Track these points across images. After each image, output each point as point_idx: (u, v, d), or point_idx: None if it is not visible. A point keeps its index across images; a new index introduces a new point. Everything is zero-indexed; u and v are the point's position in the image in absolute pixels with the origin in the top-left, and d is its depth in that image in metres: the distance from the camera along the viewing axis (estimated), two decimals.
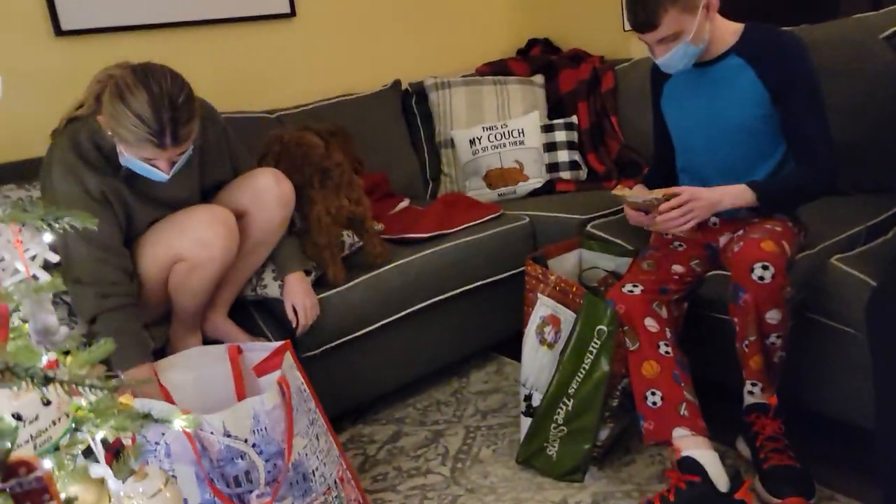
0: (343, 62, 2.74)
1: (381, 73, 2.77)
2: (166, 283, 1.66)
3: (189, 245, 1.59)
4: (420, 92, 2.71)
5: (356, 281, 1.91)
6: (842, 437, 1.67)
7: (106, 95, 1.44)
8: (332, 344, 1.88)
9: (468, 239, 2.13)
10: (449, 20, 2.98)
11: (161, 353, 1.69)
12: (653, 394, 1.56)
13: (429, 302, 2.05)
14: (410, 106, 2.71)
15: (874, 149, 1.91)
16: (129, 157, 1.49)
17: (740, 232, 1.66)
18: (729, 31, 1.65)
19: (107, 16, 2.23)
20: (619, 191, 1.71)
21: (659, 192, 1.61)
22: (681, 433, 1.52)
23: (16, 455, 0.63)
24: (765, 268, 1.44)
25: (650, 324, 1.59)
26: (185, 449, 1.27)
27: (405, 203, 2.43)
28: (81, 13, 2.19)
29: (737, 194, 1.58)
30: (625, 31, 2.82)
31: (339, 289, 1.88)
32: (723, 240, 1.73)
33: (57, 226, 0.65)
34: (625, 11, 1.62)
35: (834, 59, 1.93)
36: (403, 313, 2.00)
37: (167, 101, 1.40)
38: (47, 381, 0.60)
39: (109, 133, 1.47)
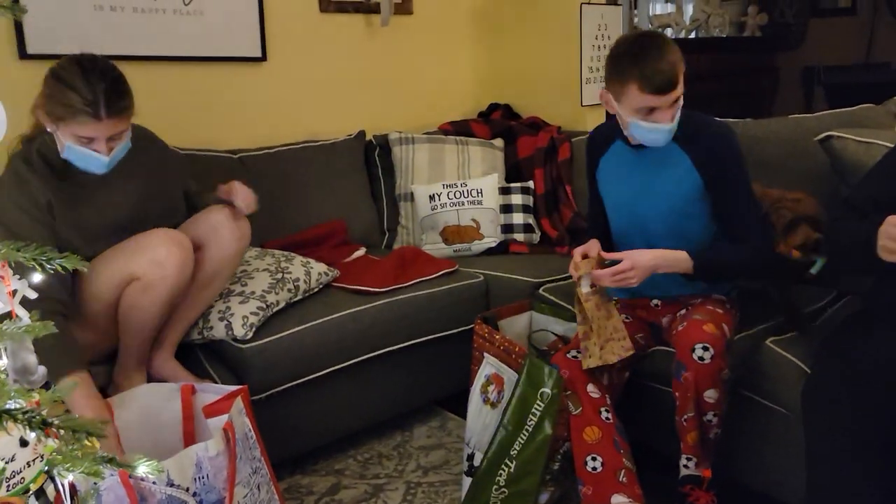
0: (310, 109, 2.78)
1: (346, 122, 2.82)
2: (116, 306, 1.63)
3: (143, 263, 1.59)
4: (384, 144, 2.76)
5: (310, 324, 1.91)
6: None
7: (43, 83, 1.53)
8: (280, 388, 1.86)
9: (423, 292, 2.16)
10: (416, 78, 3.07)
11: (102, 392, 1.65)
12: (593, 459, 1.60)
13: (380, 351, 2.06)
14: (373, 157, 2.76)
15: None
16: (69, 145, 1.54)
17: (682, 312, 1.74)
18: None
19: (74, 43, 2.19)
20: (585, 268, 1.69)
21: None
22: (619, 500, 1.56)
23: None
24: (705, 349, 1.52)
25: (592, 390, 1.65)
26: (118, 499, 1.23)
27: (361, 252, 2.45)
28: (48, 37, 2.17)
29: (674, 262, 1.64)
30: (582, 106, 2.96)
31: (290, 331, 1.88)
32: (665, 320, 1.81)
33: (49, 267, 0.66)
34: (637, 73, 1.56)
35: (771, 155, 2.06)
36: (354, 361, 2.00)
37: (99, 72, 1.51)
38: (45, 425, 0.59)
39: (49, 123, 1.54)
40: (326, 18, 2.77)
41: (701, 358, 1.52)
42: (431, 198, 2.59)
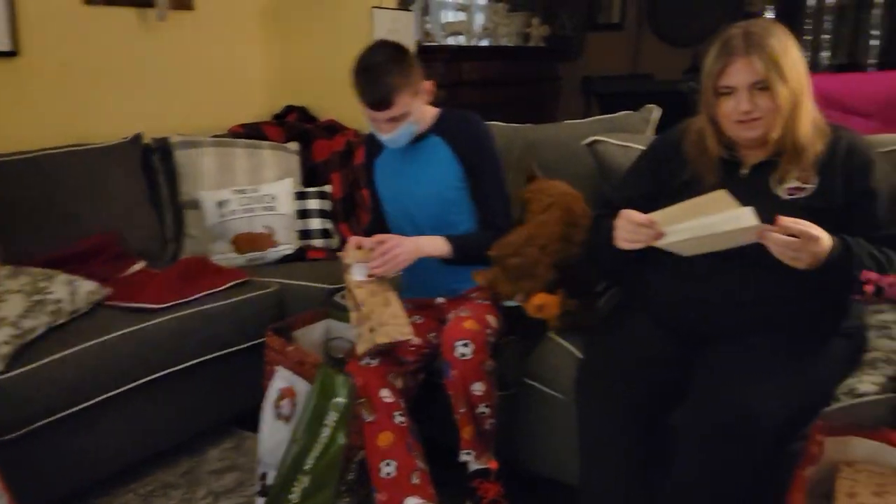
0: (76, 110, 2.51)
1: (121, 125, 2.58)
2: None
3: None
4: (164, 148, 2.56)
5: (76, 349, 1.73)
6: (559, 496, 1.83)
7: None
8: (40, 424, 1.65)
9: (211, 306, 2.04)
10: (200, 78, 2.89)
11: None
12: (387, 464, 1.59)
13: (163, 373, 1.91)
14: (152, 162, 2.55)
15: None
16: None
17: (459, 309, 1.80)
18: (430, 114, 1.85)
19: None
20: (355, 257, 1.72)
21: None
22: (412, 502, 1.57)
23: None
24: (465, 345, 1.58)
25: (385, 395, 1.64)
26: None
27: (140, 266, 2.25)
28: None
29: (435, 244, 1.74)
30: None
31: (50, 358, 1.67)
32: (450, 317, 1.86)
33: None
34: (358, 86, 1.70)
35: (549, 158, 2.18)
36: (131, 385, 1.83)
37: None
38: None
39: None
40: (92, 11, 2.52)
41: (463, 354, 1.58)
42: (220, 204, 2.45)
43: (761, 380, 1.30)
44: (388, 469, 1.59)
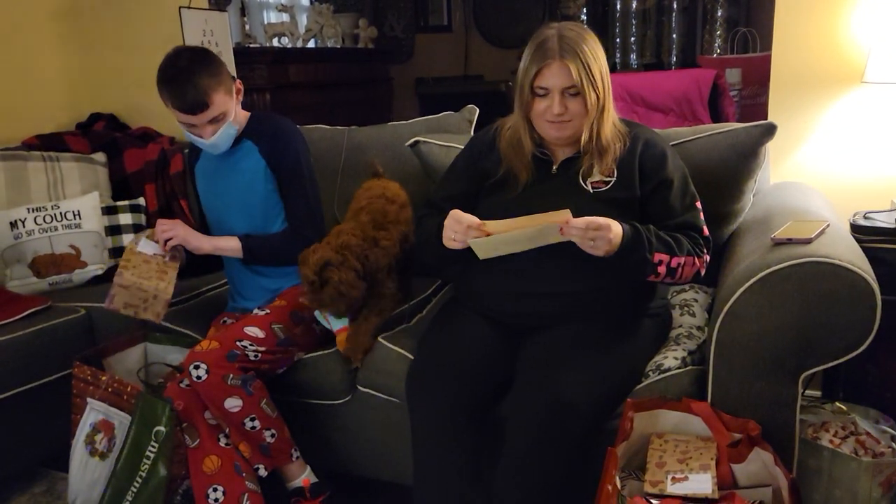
0: None
1: None
2: None
3: None
4: None
5: None
6: (398, 498, 1.82)
7: None
8: None
9: (7, 337, 1.84)
10: None
11: None
12: (214, 490, 1.51)
13: None
14: None
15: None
16: None
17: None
18: (242, 117, 1.80)
19: None
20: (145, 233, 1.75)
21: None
22: None
23: None
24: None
25: (210, 417, 1.55)
26: None
27: None
28: None
29: (227, 242, 1.74)
30: None
31: None
32: None
33: None
34: (168, 95, 1.63)
35: (378, 160, 2.17)
36: None
37: None
38: None
39: None
40: None
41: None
42: (14, 225, 2.20)
43: (572, 368, 1.36)
44: (215, 495, 1.50)
